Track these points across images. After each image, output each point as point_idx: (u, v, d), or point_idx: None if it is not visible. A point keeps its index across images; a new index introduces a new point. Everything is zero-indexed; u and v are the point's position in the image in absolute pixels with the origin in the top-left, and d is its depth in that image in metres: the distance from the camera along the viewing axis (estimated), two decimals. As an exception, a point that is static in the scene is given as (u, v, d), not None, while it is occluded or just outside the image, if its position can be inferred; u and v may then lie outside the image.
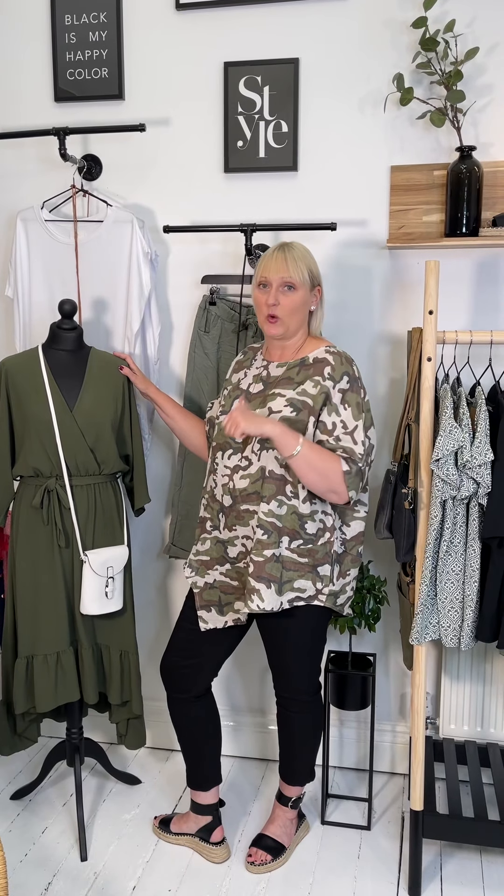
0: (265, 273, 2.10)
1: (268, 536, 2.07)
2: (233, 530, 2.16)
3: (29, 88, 2.71)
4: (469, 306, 2.51)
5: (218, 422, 2.25)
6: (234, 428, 1.96)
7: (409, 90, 2.34)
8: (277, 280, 2.08)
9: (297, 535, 2.10)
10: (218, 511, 2.19)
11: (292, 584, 2.11)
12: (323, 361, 2.11)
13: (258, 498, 2.09)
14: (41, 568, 2.34)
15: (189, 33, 2.57)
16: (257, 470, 2.09)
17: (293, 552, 2.10)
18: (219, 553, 2.21)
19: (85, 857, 2.35)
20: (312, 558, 2.12)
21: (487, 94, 2.40)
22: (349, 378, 2.10)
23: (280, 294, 2.08)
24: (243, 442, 2.13)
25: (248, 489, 2.10)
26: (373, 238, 2.54)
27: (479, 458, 2.01)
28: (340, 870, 2.32)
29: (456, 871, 2.31)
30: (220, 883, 2.27)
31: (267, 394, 2.13)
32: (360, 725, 2.78)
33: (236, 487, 2.12)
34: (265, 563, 2.07)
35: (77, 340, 2.39)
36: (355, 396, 2.10)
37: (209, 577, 2.23)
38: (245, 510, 2.12)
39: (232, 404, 2.19)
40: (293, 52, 2.50)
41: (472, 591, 2.08)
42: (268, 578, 2.07)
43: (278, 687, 2.27)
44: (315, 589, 2.13)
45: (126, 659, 2.46)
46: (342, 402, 2.08)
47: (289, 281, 2.07)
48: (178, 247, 2.68)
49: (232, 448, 2.14)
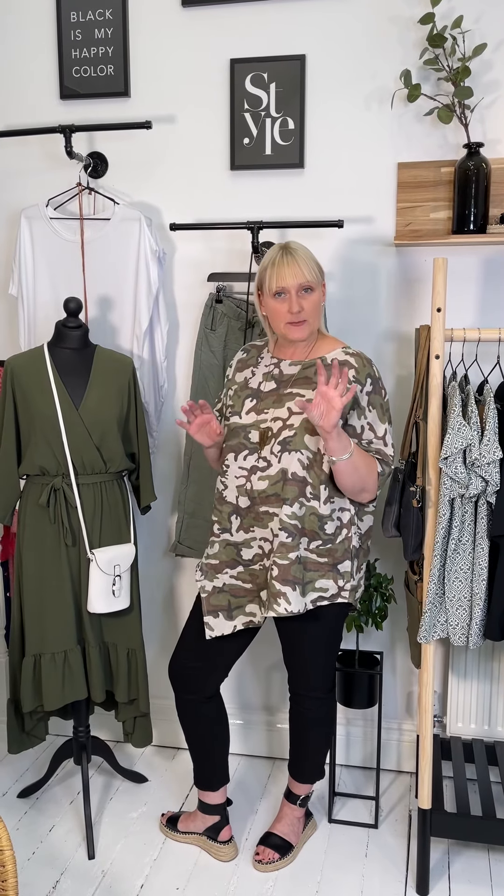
0: (281, 283, 2.04)
1: (291, 539, 2.06)
2: (249, 532, 2.14)
3: (34, 86, 2.70)
4: (477, 304, 2.50)
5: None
6: (330, 414, 1.89)
7: (416, 86, 2.33)
8: (295, 286, 2.04)
9: (317, 535, 2.09)
10: (230, 513, 2.17)
11: (314, 584, 2.11)
12: (345, 364, 2.08)
13: (278, 500, 2.07)
14: (48, 566, 2.34)
15: (195, 30, 2.56)
16: (278, 472, 2.07)
17: (312, 553, 2.10)
18: (229, 556, 2.19)
19: (92, 856, 2.35)
20: (332, 557, 2.11)
21: (495, 90, 2.39)
22: (372, 380, 2.09)
23: (301, 299, 2.05)
24: (260, 443, 2.10)
25: (267, 491, 2.08)
26: (380, 235, 2.53)
27: (488, 455, 2.00)
28: (348, 868, 2.32)
29: (464, 869, 2.31)
30: (227, 881, 2.27)
31: (282, 393, 2.11)
32: (367, 724, 2.78)
33: (255, 489, 2.10)
34: (290, 566, 2.06)
35: (82, 339, 2.38)
36: (378, 398, 2.10)
37: (218, 580, 2.20)
38: (264, 512, 2.10)
39: (243, 404, 2.16)
40: (300, 48, 2.49)
41: (481, 590, 2.08)
42: (292, 581, 2.06)
43: (294, 684, 2.27)
44: (337, 587, 2.13)
45: (133, 657, 2.46)
46: (368, 404, 2.08)
47: (306, 284, 2.05)
48: (184, 244, 2.67)
49: (248, 449, 2.12)
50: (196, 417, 2.11)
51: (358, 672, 2.50)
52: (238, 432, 2.13)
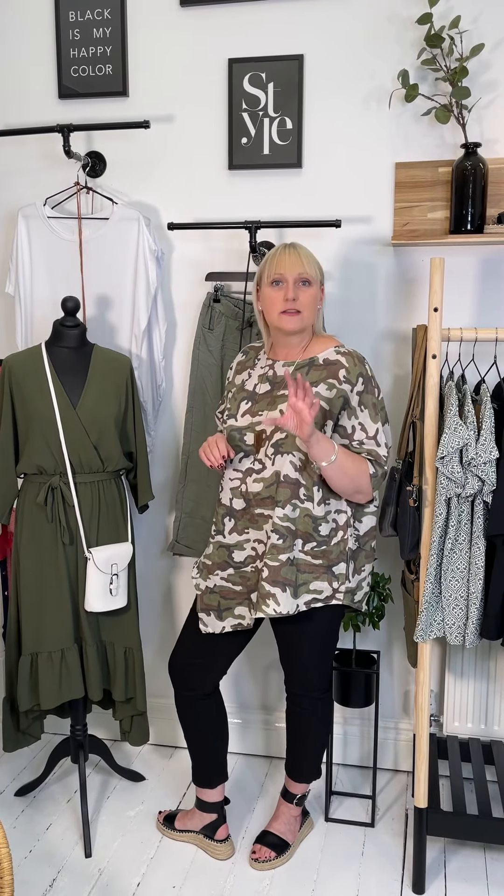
0: (280, 269, 2.07)
1: (283, 541, 2.06)
2: (244, 534, 2.14)
3: (33, 85, 2.70)
4: (474, 303, 2.50)
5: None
6: (302, 427, 1.89)
7: (413, 86, 2.33)
8: (294, 276, 2.06)
9: (311, 537, 2.09)
10: (224, 515, 2.17)
11: (308, 586, 2.11)
12: (336, 364, 2.09)
13: (272, 502, 2.07)
14: (45, 565, 2.34)
15: (193, 30, 2.56)
16: (272, 474, 2.07)
17: (307, 554, 2.10)
18: (221, 558, 2.19)
19: (89, 854, 2.35)
20: (327, 559, 2.11)
21: (492, 90, 2.39)
22: (364, 379, 2.09)
23: (297, 289, 2.07)
24: (255, 445, 2.11)
25: (262, 493, 2.09)
26: (377, 235, 2.53)
27: (485, 455, 2.00)
28: (344, 867, 2.32)
29: (460, 868, 2.31)
30: (224, 879, 2.27)
31: (275, 395, 2.11)
32: (363, 723, 2.78)
33: (249, 491, 2.11)
34: (280, 568, 2.06)
35: (80, 337, 2.39)
36: (371, 397, 2.10)
37: (210, 581, 2.21)
38: (259, 514, 2.10)
39: (238, 407, 2.16)
40: (298, 48, 2.50)
41: (477, 589, 2.08)
42: (283, 582, 2.06)
43: (290, 684, 2.27)
44: (332, 589, 2.13)
45: (130, 656, 2.46)
46: (359, 404, 2.08)
47: (305, 276, 2.07)
48: (181, 244, 2.67)
49: (244, 451, 2.13)
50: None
51: (355, 671, 2.50)
52: (234, 435, 2.14)
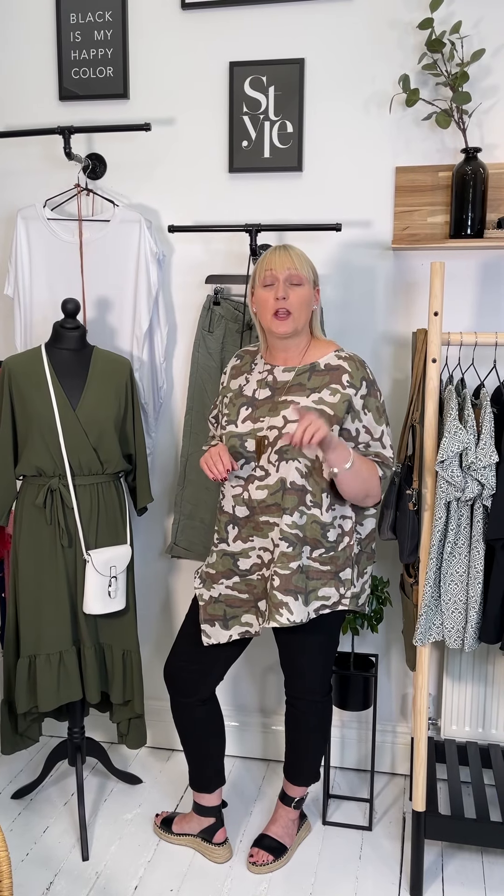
0: (270, 266, 2.05)
1: (292, 549, 2.05)
2: (248, 542, 2.13)
3: (34, 87, 2.70)
4: (473, 308, 2.51)
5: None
6: (318, 433, 1.86)
7: (414, 91, 2.34)
8: (284, 274, 2.04)
9: (319, 543, 2.08)
10: (227, 523, 2.15)
11: (316, 592, 2.10)
12: (338, 369, 2.07)
13: (279, 510, 2.06)
14: (44, 567, 2.34)
15: (194, 33, 2.57)
16: (277, 481, 2.05)
17: (315, 561, 2.09)
18: (225, 566, 2.17)
19: (86, 857, 2.35)
20: (334, 565, 2.11)
21: (493, 95, 2.40)
22: (367, 382, 2.09)
23: (288, 289, 2.04)
24: (257, 451, 2.08)
25: (266, 500, 2.07)
26: (377, 239, 2.54)
27: (484, 459, 2.01)
28: (342, 870, 2.32)
29: (457, 871, 2.31)
30: (221, 883, 2.27)
31: (277, 401, 2.09)
32: (361, 726, 2.78)
33: (253, 498, 2.09)
34: (292, 576, 2.05)
35: (80, 339, 2.38)
36: (374, 401, 2.09)
37: (214, 590, 2.19)
38: (264, 522, 2.09)
39: (238, 413, 2.13)
40: (299, 52, 2.50)
41: (476, 593, 2.08)
42: (294, 591, 2.05)
43: (291, 688, 2.27)
44: (338, 594, 2.13)
45: (128, 658, 2.46)
46: (363, 407, 2.08)
47: (296, 274, 2.04)
48: (182, 246, 2.67)
49: (244, 458, 2.10)
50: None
51: (353, 674, 2.50)
52: (234, 441, 2.11)
